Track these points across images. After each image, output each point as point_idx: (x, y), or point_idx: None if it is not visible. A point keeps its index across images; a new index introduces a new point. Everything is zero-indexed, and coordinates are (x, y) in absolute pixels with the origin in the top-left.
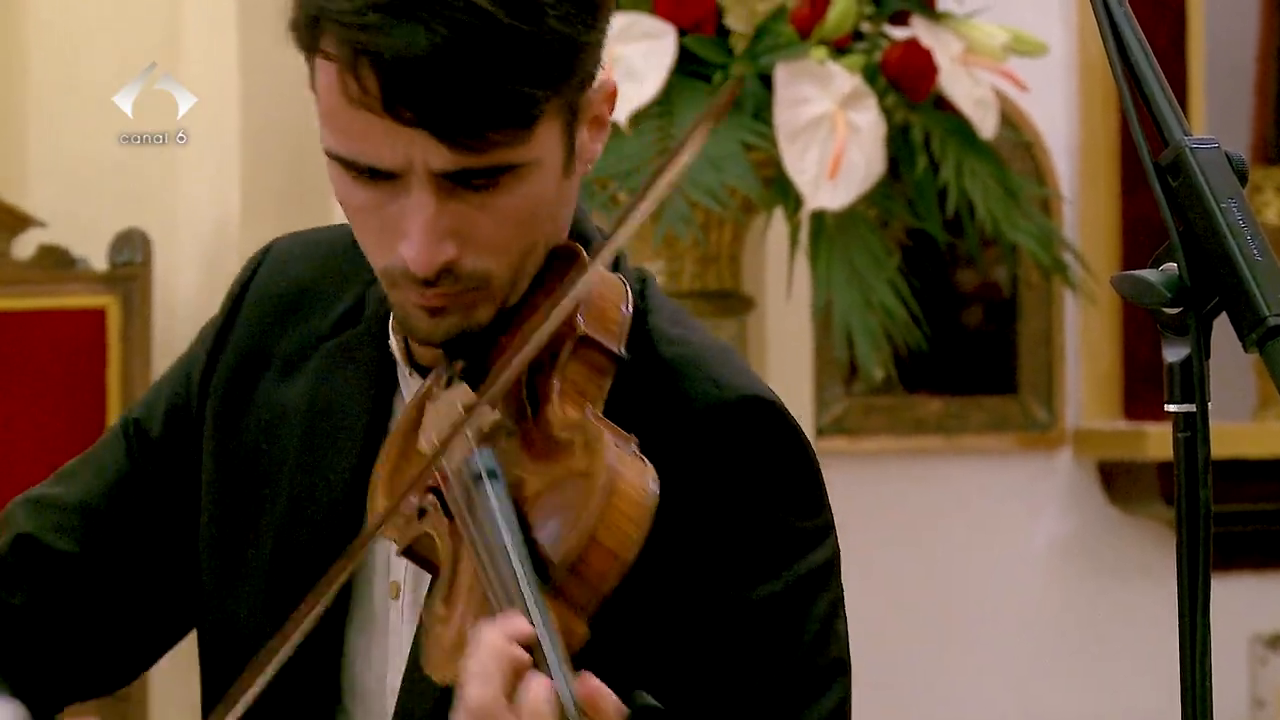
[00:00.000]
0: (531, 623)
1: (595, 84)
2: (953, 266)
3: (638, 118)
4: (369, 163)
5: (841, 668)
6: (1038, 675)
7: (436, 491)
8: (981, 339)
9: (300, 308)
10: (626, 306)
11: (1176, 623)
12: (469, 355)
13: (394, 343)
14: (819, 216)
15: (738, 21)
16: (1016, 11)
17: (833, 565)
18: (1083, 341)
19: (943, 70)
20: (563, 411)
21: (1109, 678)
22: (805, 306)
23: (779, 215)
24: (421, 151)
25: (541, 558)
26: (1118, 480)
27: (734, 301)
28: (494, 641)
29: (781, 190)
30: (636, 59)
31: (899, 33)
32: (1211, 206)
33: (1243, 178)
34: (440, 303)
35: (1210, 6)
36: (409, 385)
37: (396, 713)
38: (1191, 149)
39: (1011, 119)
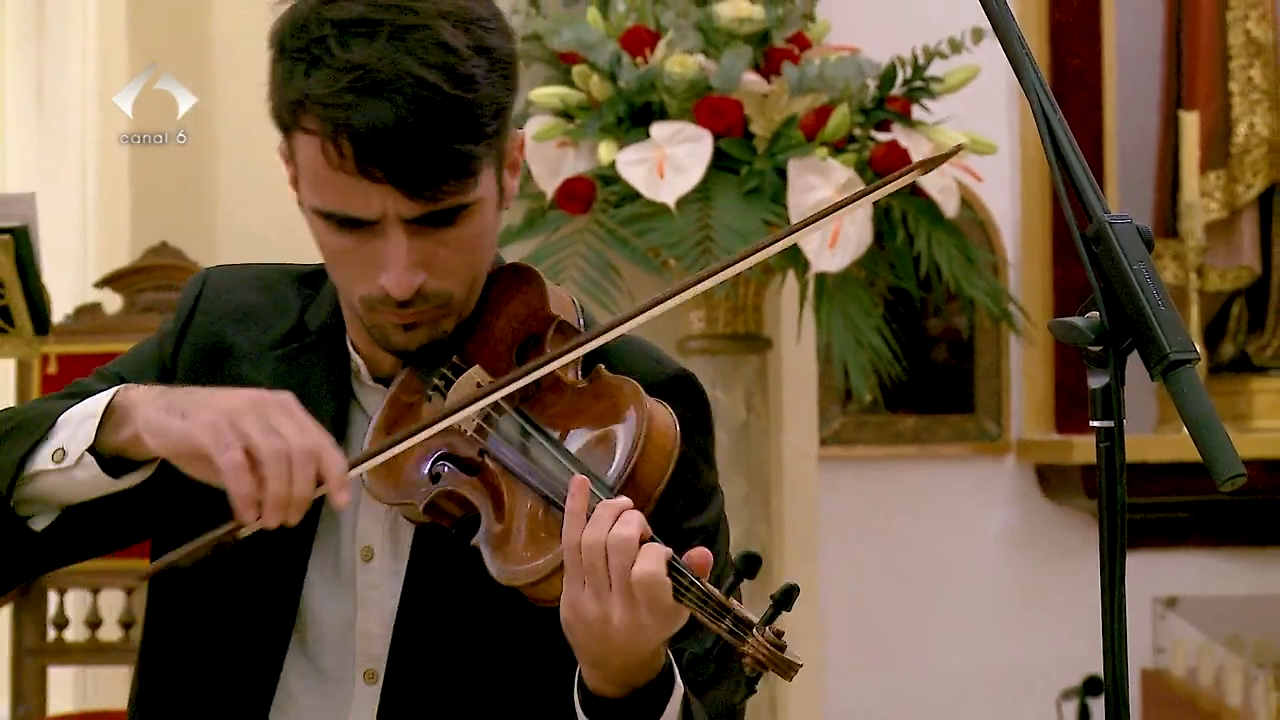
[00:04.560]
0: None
1: (512, 134)
2: (924, 315)
3: (682, 202)
4: (349, 214)
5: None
6: (989, 631)
7: (447, 457)
8: (946, 371)
9: (246, 322)
10: (577, 305)
11: (1098, 589)
12: (429, 363)
13: (356, 357)
14: (821, 277)
15: (759, 128)
16: (972, 120)
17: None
18: (1024, 372)
19: None
20: (566, 377)
21: (1045, 633)
22: (811, 346)
23: (791, 275)
24: (392, 203)
25: (598, 476)
26: (1051, 480)
27: (757, 342)
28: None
29: (793, 256)
30: (681, 156)
31: (883, 136)
32: (1125, 268)
33: (1149, 245)
34: (413, 319)
35: (1121, 115)
36: (364, 392)
37: (392, 648)
38: (1110, 223)
39: (969, 202)
